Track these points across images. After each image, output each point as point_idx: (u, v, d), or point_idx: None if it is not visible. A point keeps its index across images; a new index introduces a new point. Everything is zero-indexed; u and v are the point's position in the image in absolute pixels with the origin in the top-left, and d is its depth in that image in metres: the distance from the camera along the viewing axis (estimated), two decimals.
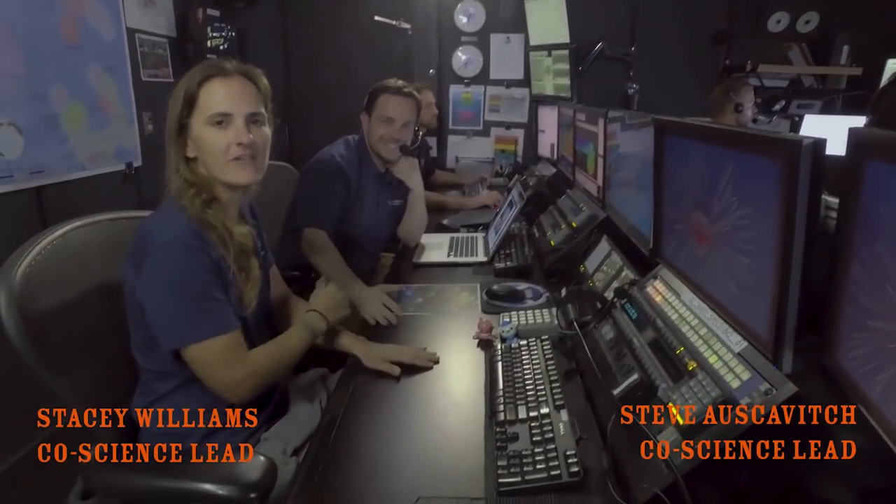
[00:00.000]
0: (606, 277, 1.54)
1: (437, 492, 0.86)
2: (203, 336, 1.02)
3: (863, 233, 0.75)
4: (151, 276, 1.00)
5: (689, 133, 1.18)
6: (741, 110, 2.94)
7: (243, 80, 1.12)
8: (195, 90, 1.08)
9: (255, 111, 1.13)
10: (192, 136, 1.10)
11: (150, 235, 1.03)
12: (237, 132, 1.09)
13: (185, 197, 1.08)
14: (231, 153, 1.09)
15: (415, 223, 2.13)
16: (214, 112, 1.08)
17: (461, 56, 3.87)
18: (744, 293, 0.93)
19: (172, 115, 1.09)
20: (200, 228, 1.06)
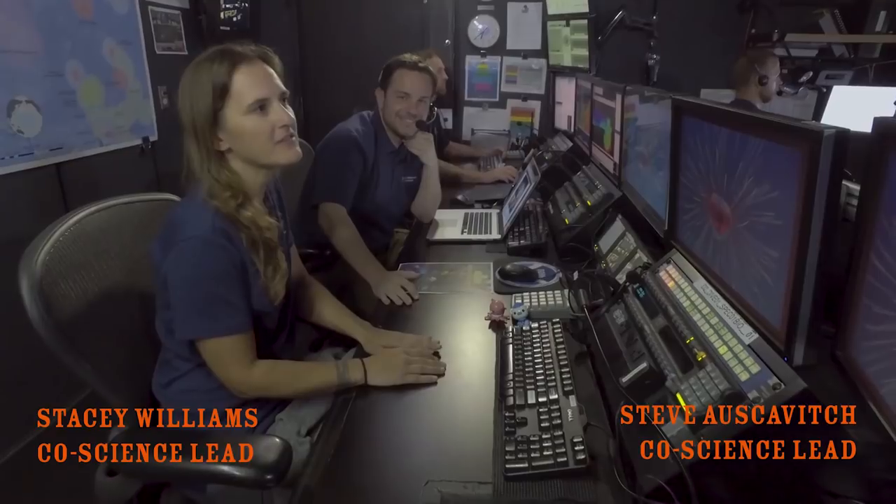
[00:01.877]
0: (620, 259, 1.53)
1: (446, 475, 0.88)
2: (211, 333, 1.05)
3: (884, 225, 0.73)
4: (175, 266, 1.02)
5: (708, 115, 1.15)
6: (765, 83, 2.85)
7: (261, 62, 1.11)
8: (226, 80, 1.06)
9: (284, 90, 1.13)
10: (226, 128, 1.08)
11: (180, 226, 1.04)
12: (278, 114, 1.09)
13: (220, 198, 1.07)
14: (277, 136, 1.10)
15: (429, 199, 2.13)
16: (254, 99, 1.07)
17: (478, 26, 3.79)
18: (759, 281, 0.92)
19: (201, 111, 1.06)
20: (229, 227, 1.07)
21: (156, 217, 1.24)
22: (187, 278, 1.02)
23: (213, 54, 1.08)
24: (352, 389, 1.13)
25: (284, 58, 1.25)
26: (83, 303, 1.01)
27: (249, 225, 1.10)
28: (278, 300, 1.16)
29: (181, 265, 1.02)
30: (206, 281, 1.02)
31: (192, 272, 1.02)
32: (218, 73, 1.06)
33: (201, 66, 1.08)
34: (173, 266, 1.02)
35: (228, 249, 1.05)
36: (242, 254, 1.08)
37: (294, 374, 1.15)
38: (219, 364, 1.07)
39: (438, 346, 1.28)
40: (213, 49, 1.10)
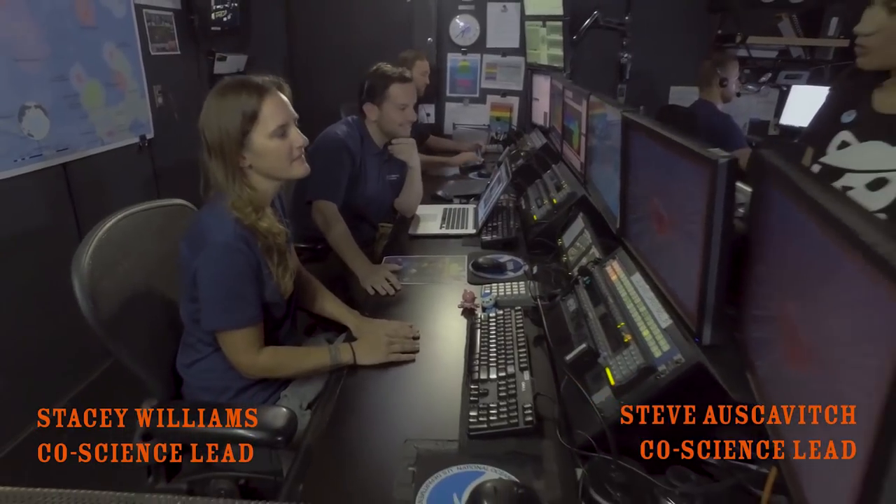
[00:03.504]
0: (578, 253, 1.74)
1: (421, 435, 1.09)
2: (230, 326, 1.25)
3: (760, 238, 0.94)
4: (204, 265, 1.22)
5: (647, 133, 1.35)
6: (726, 84, 3.06)
7: (279, 92, 1.30)
8: (256, 108, 1.24)
9: (296, 115, 1.33)
10: (252, 149, 1.27)
11: (207, 232, 1.24)
12: (295, 137, 1.30)
13: (242, 212, 1.27)
14: (294, 155, 1.31)
15: (412, 196, 2.32)
16: (277, 126, 1.26)
17: (459, 24, 3.95)
18: (683, 275, 1.13)
19: (230, 133, 1.24)
20: (248, 234, 1.26)
21: (170, 220, 1.43)
22: (213, 276, 1.22)
23: (238, 86, 1.26)
24: (343, 368, 1.33)
25: (274, 55, 1.41)
26: (119, 298, 1.21)
27: (266, 234, 1.30)
28: (287, 294, 1.37)
29: (209, 265, 1.22)
30: (229, 280, 1.22)
31: (216, 271, 1.22)
32: (247, 102, 1.25)
33: (228, 96, 1.26)
34: (203, 265, 1.22)
35: (247, 253, 1.25)
36: (258, 256, 1.28)
37: (294, 358, 1.36)
38: (233, 350, 1.27)
39: (417, 333, 1.47)
40: (233, 80, 1.29)
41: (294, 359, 1.35)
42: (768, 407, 0.86)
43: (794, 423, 0.75)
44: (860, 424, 0.56)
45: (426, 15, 3.89)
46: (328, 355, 1.32)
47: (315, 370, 1.35)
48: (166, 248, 1.37)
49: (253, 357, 1.27)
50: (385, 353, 1.33)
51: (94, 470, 1.17)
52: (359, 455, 1.07)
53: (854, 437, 0.57)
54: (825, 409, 0.65)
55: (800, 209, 0.77)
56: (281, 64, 4.10)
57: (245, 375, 1.30)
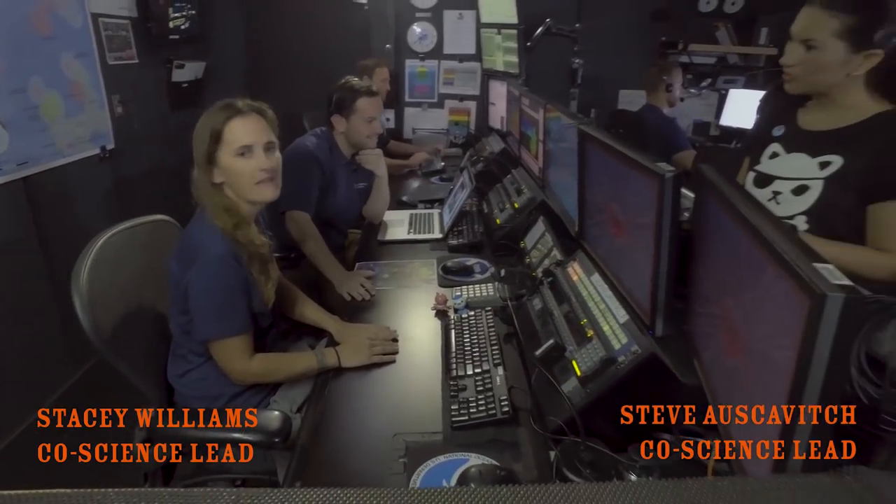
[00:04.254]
0: (541, 255, 1.87)
1: (408, 429, 1.18)
2: (223, 335, 1.32)
3: (700, 242, 1.08)
4: (196, 280, 1.28)
5: (602, 147, 1.48)
6: (671, 90, 3.27)
7: (256, 115, 1.37)
8: (220, 128, 1.32)
9: (270, 140, 1.39)
10: (219, 166, 1.35)
11: (199, 248, 1.30)
12: (259, 160, 1.35)
13: (221, 219, 1.34)
14: (257, 177, 1.36)
15: (380, 203, 2.42)
16: (240, 145, 1.33)
17: (416, 31, 4.04)
18: (638, 275, 1.26)
19: (200, 150, 1.34)
20: (236, 247, 1.33)
21: (154, 235, 1.48)
22: (206, 289, 1.28)
23: (218, 106, 1.35)
24: (329, 371, 1.41)
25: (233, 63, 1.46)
26: (115, 312, 1.26)
27: (246, 243, 1.37)
28: (271, 303, 1.44)
29: (202, 277, 1.28)
30: (221, 292, 1.29)
31: (209, 285, 1.28)
32: (216, 121, 1.33)
33: (208, 115, 1.35)
34: (195, 277, 1.28)
35: (236, 267, 1.32)
36: (246, 269, 1.35)
37: (283, 363, 1.43)
38: (225, 359, 1.34)
39: (395, 334, 1.57)
40: (220, 102, 1.36)
41: (284, 364, 1.43)
42: (713, 391, 1.00)
43: (733, 406, 0.89)
44: (777, 399, 0.69)
45: (383, 22, 3.97)
46: (315, 359, 1.40)
47: (304, 374, 1.42)
48: (152, 261, 1.43)
49: (246, 364, 1.34)
50: (368, 356, 1.42)
51: (95, 470, 1.22)
52: (351, 450, 1.16)
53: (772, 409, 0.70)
54: (756, 395, 0.79)
55: (728, 217, 0.91)
56: (240, 71, 4.10)
57: (238, 382, 1.37)
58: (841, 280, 0.63)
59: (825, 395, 0.65)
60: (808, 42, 1.25)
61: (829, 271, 0.64)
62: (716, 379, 0.99)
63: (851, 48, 1.21)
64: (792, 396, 0.67)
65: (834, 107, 1.30)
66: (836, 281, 0.62)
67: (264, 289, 1.42)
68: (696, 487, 0.65)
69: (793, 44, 1.28)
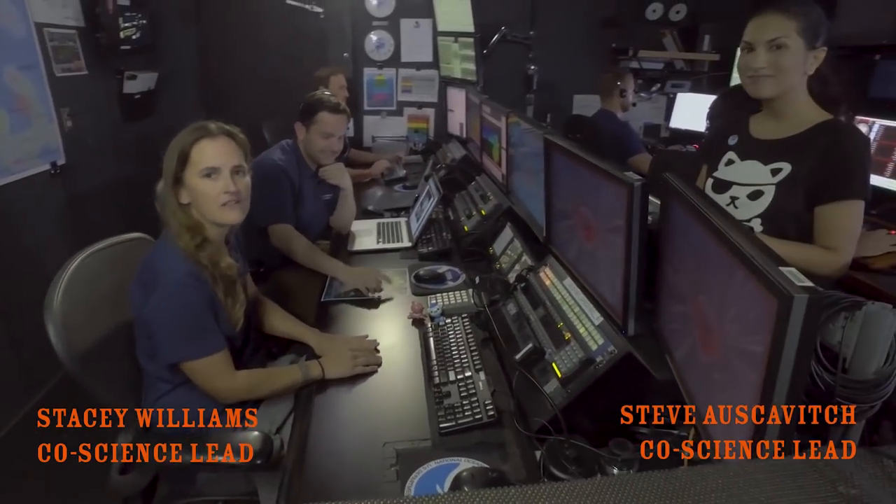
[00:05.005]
0: (510, 260, 1.93)
1: (397, 437, 1.21)
2: (198, 355, 1.31)
3: (668, 246, 1.15)
4: (158, 304, 1.26)
5: (568, 156, 1.55)
6: (625, 95, 3.40)
7: (226, 138, 1.37)
8: (188, 149, 1.32)
9: (238, 164, 1.38)
10: (186, 187, 1.34)
11: (159, 271, 1.28)
12: (225, 182, 1.35)
13: (183, 239, 1.33)
14: (221, 199, 1.35)
15: (346, 214, 2.43)
16: (205, 167, 1.33)
17: (373, 39, 4.06)
18: (609, 278, 1.32)
19: (168, 170, 1.33)
20: (197, 268, 1.32)
21: (130, 255, 1.45)
22: (171, 312, 1.27)
23: (191, 127, 1.35)
24: (312, 385, 1.42)
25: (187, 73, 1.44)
26: (90, 336, 1.23)
27: (208, 264, 1.36)
28: (239, 325, 1.44)
29: (164, 304, 1.26)
30: (188, 313, 1.28)
31: (173, 307, 1.27)
32: (185, 142, 1.33)
33: (179, 135, 1.34)
34: (157, 303, 1.26)
35: (200, 287, 1.31)
36: (210, 290, 1.34)
37: (268, 378, 1.43)
38: (206, 379, 1.33)
39: (377, 344, 1.58)
40: (194, 123, 1.37)
41: (268, 379, 1.42)
42: (687, 387, 1.06)
43: (705, 396, 0.96)
44: (747, 392, 0.76)
45: (340, 31, 3.97)
46: (300, 372, 1.41)
47: (289, 388, 1.42)
48: (128, 281, 1.40)
49: (230, 381, 1.34)
50: (351, 367, 1.43)
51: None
52: (342, 462, 1.17)
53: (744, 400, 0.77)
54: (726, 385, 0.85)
55: (696, 223, 0.98)
56: (194, 81, 4.02)
57: (224, 401, 1.35)
58: (804, 282, 0.69)
59: (793, 386, 0.72)
60: (774, 42, 1.32)
61: (793, 274, 0.71)
62: (689, 375, 1.06)
63: (806, 45, 1.31)
64: (764, 391, 0.74)
65: (782, 116, 1.41)
66: (800, 283, 0.69)
67: (231, 311, 1.42)
68: (686, 476, 0.71)
69: (758, 49, 1.36)
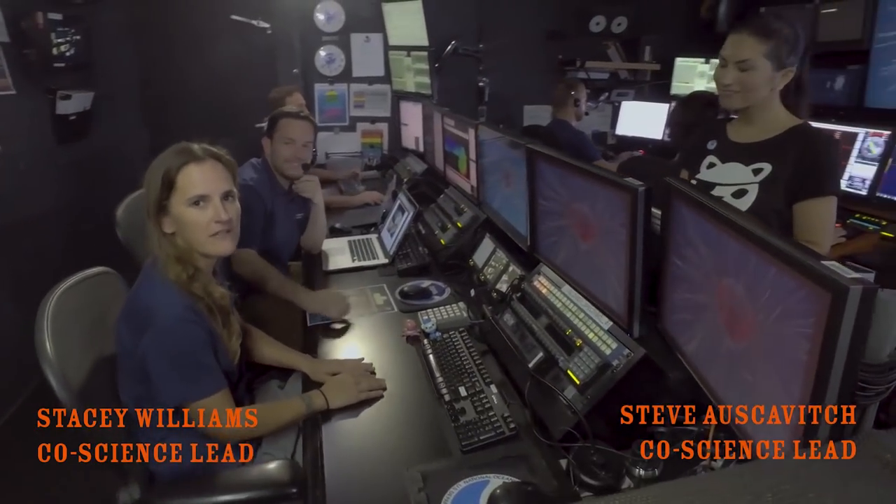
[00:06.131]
0: (496, 271, 1.92)
1: (418, 460, 1.17)
2: (201, 395, 1.22)
3: (675, 239, 1.18)
4: (155, 345, 1.17)
5: (557, 164, 1.56)
6: (578, 105, 3.50)
7: (213, 161, 1.28)
8: (173, 175, 1.23)
9: (228, 189, 1.30)
10: (171, 215, 1.25)
11: (151, 308, 1.18)
12: (216, 210, 1.26)
13: (173, 271, 1.23)
14: (211, 229, 1.26)
15: (318, 232, 2.36)
16: (194, 194, 1.24)
17: (323, 54, 4.00)
18: (609, 282, 1.34)
19: (151, 197, 1.24)
20: (191, 301, 1.23)
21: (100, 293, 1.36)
22: (170, 353, 1.18)
23: (173, 150, 1.26)
24: (316, 416, 1.35)
25: (127, 92, 1.34)
26: (82, 372, 1.13)
27: (203, 295, 1.27)
28: (237, 358, 1.36)
29: (162, 343, 1.17)
30: (188, 352, 1.19)
31: (172, 348, 1.18)
32: (169, 167, 1.24)
33: (161, 159, 1.25)
34: (152, 345, 1.17)
35: (197, 321, 1.22)
36: (207, 324, 1.26)
37: (271, 413, 1.34)
38: (207, 419, 1.23)
39: (372, 368, 1.52)
40: (175, 145, 1.27)
41: (272, 414, 1.34)
42: (708, 383, 1.09)
43: (735, 394, 0.98)
44: (792, 390, 0.78)
45: (289, 46, 3.88)
46: (303, 404, 1.33)
47: (293, 421, 1.35)
48: (103, 319, 1.30)
49: (232, 420, 1.25)
50: (355, 393, 1.37)
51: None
52: (367, 491, 1.12)
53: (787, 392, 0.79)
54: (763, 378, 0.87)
55: (715, 225, 1.01)
56: (135, 100, 3.80)
57: (224, 441, 1.27)
58: (852, 273, 0.72)
59: (845, 382, 0.74)
60: (743, 64, 1.42)
61: (838, 267, 0.74)
62: (712, 373, 1.08)
63: (774, 67, 1.40)
64: (816, 388, 0.76)
65: (758, 121, 1.50)
66: (849, 275, 0.72)
67: (228, 343, 1.34)
68: (749, 472, 0.72)
69: (728, 67, 1.46)
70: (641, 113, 4.16)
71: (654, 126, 4.02)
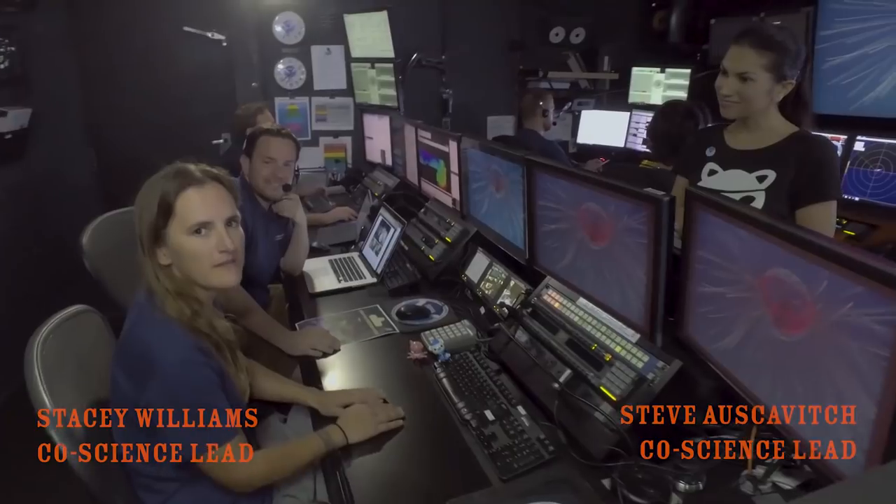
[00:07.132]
0: (495, 286, 1.88)
1: (455, 491, 1.10)
2: (214, 447, 1.09)
3: (697, 253, 1.18)
4: (159, 398, 1.04)
5: (562, 175, 1.55)
6: (547, 114, 3.53)
7: (214, 184, 1.17)
8: (171, 201, 1.11)
9: (231, 215, 1.19)
10: (168, 246, 1.13)
11: (153, 351, 1.06)
12: (220, 239, 1.14)
13: (173, 308, 1.11)
14: (215, 259, 1.14)
15: (300, 253, 2.25)
16: (195, 222, 1.12)
17: (282, 68, 3.88)
18: (627, 295, 1.33)
19: (145, 226, 1.12)
20: (196, 339, 1.11)
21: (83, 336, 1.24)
22: (178, 401, 1.05)
23: (168, 172, 1.14)
24: (334, 452, 1.26)
25: (67, 108, 1.23)
26: None
27: (209, 331, 1.16)
28: (246, 395, 1.25)
29: (168, 391, 1.05)
30: (200, 399, 1.07)
31: (180, 398, 1.05)
32: (165, 192, 1.12)
33: (155, 183, 1.13)
34: (157, 397, 1.05)
35: (205, 363, 1.11)
36: (217, 362, 1.15)
37: (288, 455, 1.23)
38: (223, 472, 1.12)
39: (382, 395, 1.43)
40: (170, 167, 1.16)
41: (289, 456, 1.23)
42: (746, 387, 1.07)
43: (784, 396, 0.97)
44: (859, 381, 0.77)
45: (247, 59, 3.74)
46: (321, 442, 1.23)
47: (311, 461, 1.25)
48: (89, 363, 1.18)
49: (249, 469, 1.13)
50: (374, 426, 1.28)
51: None
52: None
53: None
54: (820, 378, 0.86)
55: (730, 221, 1.01)
56: (77, 117, 3.55)
57: (243, 490, 1.16)
58: None
59: None
60: (743, 75, 1.45)
61: None
62: (759, 379, 1.07)
63: (774, 79, 1.44)
64: None
65: (757, 129, 1.53)
66: None
67: (237, 380, 1.22)
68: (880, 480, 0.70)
69: (729, 78, 1.49)
70: (601, 121, 4.25)
71: (615, 134, 4.11)
